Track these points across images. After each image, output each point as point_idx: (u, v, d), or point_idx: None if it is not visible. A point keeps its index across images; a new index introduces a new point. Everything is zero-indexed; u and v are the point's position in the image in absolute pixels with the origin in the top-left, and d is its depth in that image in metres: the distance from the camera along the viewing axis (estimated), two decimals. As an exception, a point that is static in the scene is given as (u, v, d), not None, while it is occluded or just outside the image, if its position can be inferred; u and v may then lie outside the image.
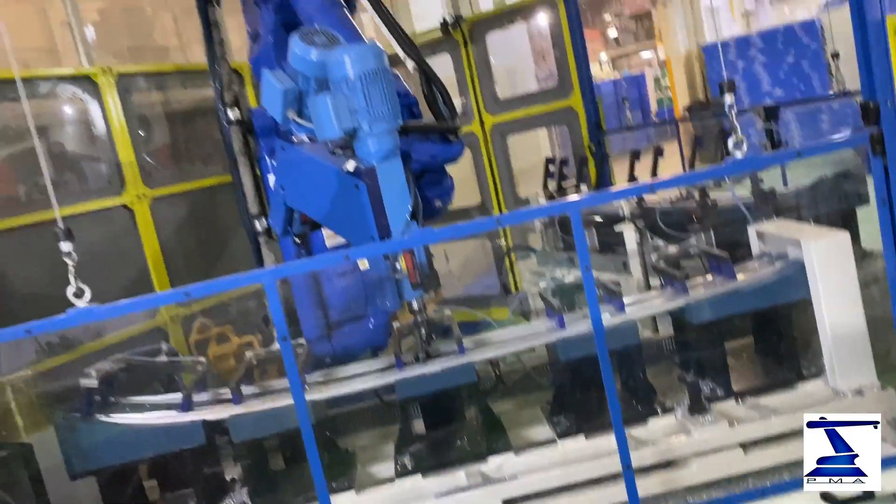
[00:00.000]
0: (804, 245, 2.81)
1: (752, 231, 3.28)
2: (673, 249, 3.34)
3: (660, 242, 3.61)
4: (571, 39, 6.42)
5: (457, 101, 6.92)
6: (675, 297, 2.99)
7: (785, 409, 2.85)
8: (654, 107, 28.31)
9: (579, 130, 6.62)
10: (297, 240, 3.20)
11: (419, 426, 3.14)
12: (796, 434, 2.75)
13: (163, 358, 3.23)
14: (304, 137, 3.00)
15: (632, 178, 5.25)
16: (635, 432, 2.91)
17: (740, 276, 3.00)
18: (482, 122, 6.92)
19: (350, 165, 2.74)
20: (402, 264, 2.73)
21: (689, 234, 3.99)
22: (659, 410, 2.97)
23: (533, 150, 7.29)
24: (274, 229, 3.47)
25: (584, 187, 5.88)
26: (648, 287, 3.98)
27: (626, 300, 3.00)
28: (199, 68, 5.88)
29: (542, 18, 6.59)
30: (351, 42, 3.10)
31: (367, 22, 4.02)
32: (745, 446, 2.79)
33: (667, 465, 2.81)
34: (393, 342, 3.15)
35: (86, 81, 5.22)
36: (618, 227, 4.15)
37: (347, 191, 2.76)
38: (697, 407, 2.89)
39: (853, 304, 2.77)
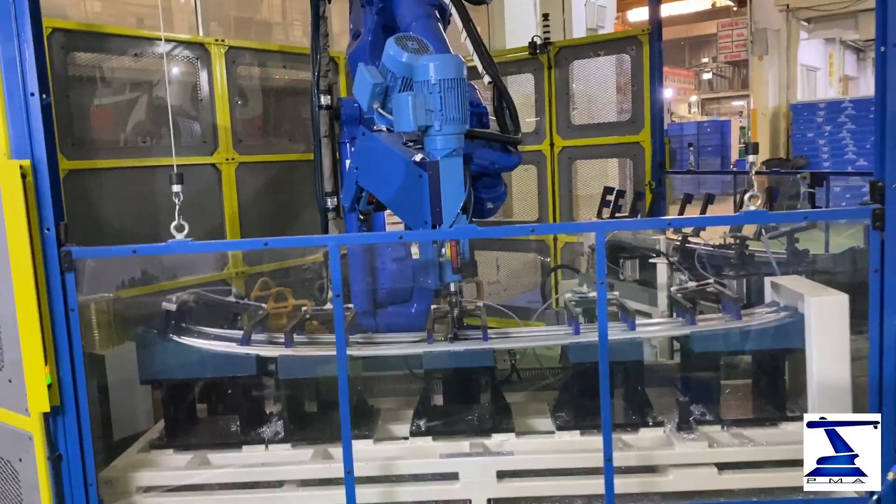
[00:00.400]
0: (806, 299, 3.12)
1: (768, 282, 3.58)
2: (692, 285, 3.67)
3: (683, 278, 3.92)
4: (650, 79, 6.71)
5: (532, 120, 7.32)
6: (682, 327, 3.33)
7: (763, 441, 3.16)
8: (735, 156, 28.06)
9: (643, 167, 6.91)
10: (361, 216, 3.63)
11: (438, 399, 3.56)
12: (769, 464, 3.09)
13: (232, 299, 3.72)
14: (383, 128, 3.43)
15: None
16: (626, 437, 3.26)
17: (745, 319, 3.32)
18: (552, 143, 7.27)
19: (417, 157, 3.18)
20: (447, 250, 3.15)
21: (723, 277, 4.31)
22: (651, 422, 3.31)
23: (601, 177, 7.61)
24: (343, 204, 3.91)
25: (636, 220, 6.18)
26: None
27: (638, 321, 3.34)
28: (299, 51, 6.42)
29: (627, 54, 6.90)
30: (438, 52, 3.53)
31: (454, 33, 4.43)
32: (721, 467, 3.11)
33: (648, 470, 3.15)
34: (429, 321, 3.55)
35: (199, 48, 5.80)
36: (652, 261, 4.49)
37: (412, 179, 3.18)
38: (685, 425, 3.22)
39: (841, 359, 3.06)
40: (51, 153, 2.79)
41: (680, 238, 5.01)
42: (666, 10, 34.80)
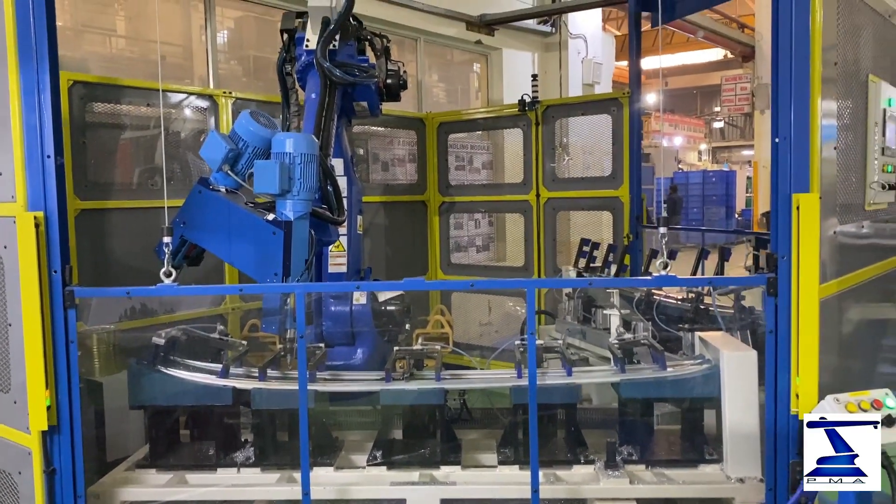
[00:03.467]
0: (721, 354, 3.51)
1: (697, 336, 3.96)
2: (629, 337, 4.05)
3: (622, 329, 4.30)
4: (629, 137, 7.16)
5: (521, 171, 7.79)
6: (613, 374, 3.71)
7: (680, 481, 3.52)
8: (742, 206, 28.44)
9: (622, 220, 7.33)
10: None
11: (397, 433, 3.95)
12: (682, 500, 3.44)
13: (215, 335, 4.13)
14: (222, 188, 3.84)
15: (646, 272, 5.95)
16: (560, 472, 3.63)
17: (670, 369, 3.69)
18: (538, 195, 7.71)
19: (270, 216, 3.68)
20: (291, 301, 3.62)
21: (678, 329, 4.68)
22: (582, 460, 3.68)
23: (595, 227, 7.99)
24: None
25: (608, 271, 6.57)
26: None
27: (574, 369, 3.73)
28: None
29: (609, 114, 7.35)
30: (307, 130, 4.19)
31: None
32: (640, 502, 3.47)
33: (579, 503, 3.52)
34: (389, 361, 3.94)
35: (209, 99, 6.32)
36: (606, 312, 4.88)
37: (264, 236, 3.63)
38: (612, 463, 3.59)
39: (750, 410, 3.42)
40: (61, 206, 3.24)
41: (644, 292, 5.40)
42: (679, 60, 35.64)
